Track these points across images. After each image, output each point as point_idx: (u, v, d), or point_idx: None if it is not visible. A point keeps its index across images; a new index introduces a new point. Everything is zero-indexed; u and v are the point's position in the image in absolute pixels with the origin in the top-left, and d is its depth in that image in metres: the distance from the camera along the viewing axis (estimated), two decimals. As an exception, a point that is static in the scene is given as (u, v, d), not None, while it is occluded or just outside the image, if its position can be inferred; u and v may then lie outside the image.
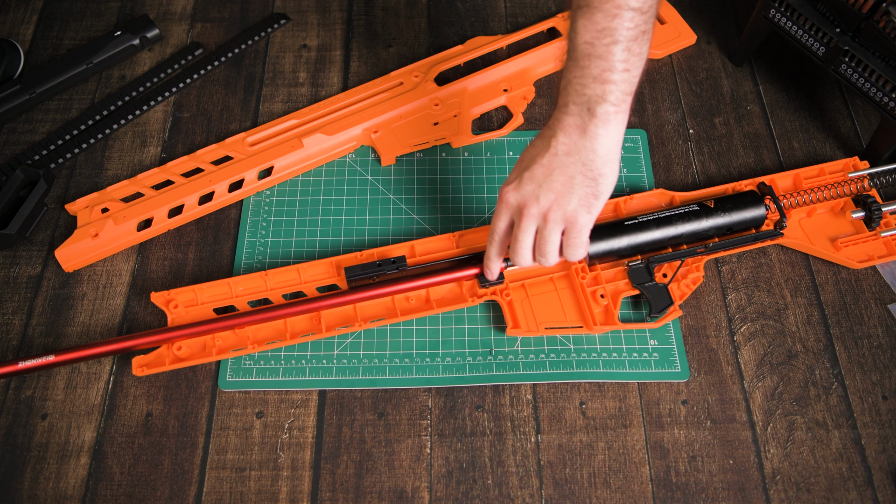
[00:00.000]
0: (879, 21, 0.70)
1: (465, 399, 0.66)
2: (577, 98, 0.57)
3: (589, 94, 0.56)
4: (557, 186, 0.58)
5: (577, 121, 0.57)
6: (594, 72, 0.56)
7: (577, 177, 0.57)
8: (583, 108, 0.57)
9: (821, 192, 0.73)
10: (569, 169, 0.57)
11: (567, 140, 0.57)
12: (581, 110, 0.57)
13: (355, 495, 0.62)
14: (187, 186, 0.76)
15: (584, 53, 0.56)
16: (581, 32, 0.56)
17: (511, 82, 0.84)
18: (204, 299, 0.69)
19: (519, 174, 0.60)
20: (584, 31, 0.55)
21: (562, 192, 0.58)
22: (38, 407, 0.66)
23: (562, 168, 0.57)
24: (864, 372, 0.68)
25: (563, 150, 0.57)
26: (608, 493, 0.62)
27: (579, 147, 0.57)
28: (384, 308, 0.69)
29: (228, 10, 0.92)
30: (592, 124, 0.57)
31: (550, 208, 0.58)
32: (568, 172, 0.57)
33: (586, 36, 0.55)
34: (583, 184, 0.58)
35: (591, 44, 0.55)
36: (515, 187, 0.59)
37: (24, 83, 0.83)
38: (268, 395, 0.66)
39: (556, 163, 0.58)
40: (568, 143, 0.57)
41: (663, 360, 0.68)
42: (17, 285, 0.72)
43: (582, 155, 0.57)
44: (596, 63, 0.56)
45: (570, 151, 0.57)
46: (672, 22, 0.89)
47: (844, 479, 0.63)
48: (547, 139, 0.58)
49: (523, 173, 0.59)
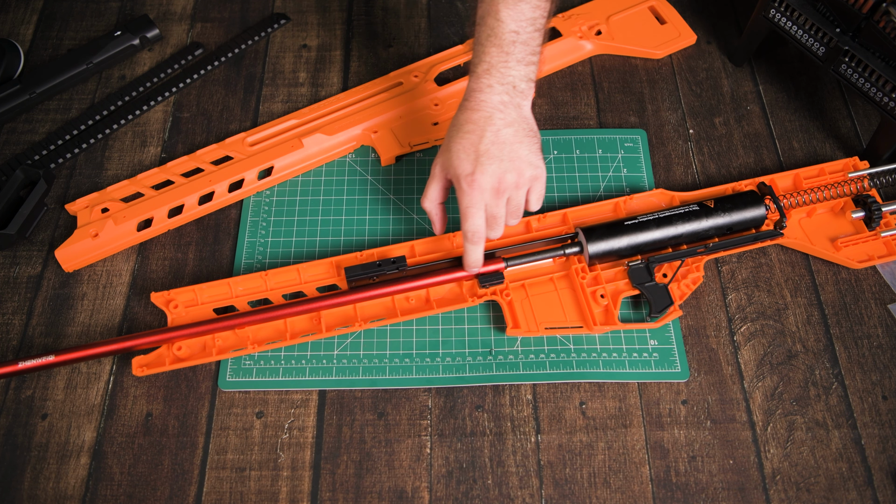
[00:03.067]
0: (879, 21, 0.70)
1: (465, 399, 0.66)
2: (503, 79, 0.63)
3: (514, 75, 0.63)
4: (517, 155, 0.63)
5: (505, 98, 0.63)
6: (518, 56, 0.63)
7: (525, 140, 0.64)
8: (508, 87, 0.63)
9: (821, 192, 0.73)
10: (518, 136, 0.63)
11: (503, 115, 0.63)
12: (507, 89, 0.63)
13: (355, 495, 0.62)
14: (187, 186, 0.76)
15: (509, 41, 0.62)
16: (507, 22, 0.62)
17: (511, 82, 0.84)
18: (204, 299, 0.69)
19: (476, 159, 0.62)
20: (510, 20, 0.62)
21: (521, 156, 0.63)
22: (38, 407, 0.66)
23: (512, 139, 0.63)
24: (864, 372, 0.68)
25: (505, 124, 0.63)
26: (608, 493, 0.62)
27: (515, 117, 0.63)
28: (384, 308, 0.69)
29: (228, 10, 0.92)
30: (520, 98, 0.64)
31: (520, 175, 0.63)
32: (518, 139, 0.63)
33: (512, 25, 0.62)
34: (531, 142, 0.64)
35: (517, 32, 0.62)
36: (481, 172, 0.62)
37: (24, 83, 0.83)
38: (268, 395, 0.66)
39: (504, 137, 0.63)
40: (504, 117, 0.63)
41: (663, 360, 0.68)
42: (17, 285, 0.72)
43: (520, 122, 0.64)
44: (521, 48, 0.63)
45: (510, 122, 0.63)
46: (672, 22, 0.89)
47: (844, 479, 0.63)
48: (485, 121, 0.63)
49: (481, 157, 0.62)
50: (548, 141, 0.81)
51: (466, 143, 0.63)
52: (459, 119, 0.64)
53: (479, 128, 0.62)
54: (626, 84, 0.86)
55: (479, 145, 0.62)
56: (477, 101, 0.63)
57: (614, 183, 0.78)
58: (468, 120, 0.63)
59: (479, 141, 0.62)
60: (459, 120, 0.64)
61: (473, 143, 0.62)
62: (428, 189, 0.67)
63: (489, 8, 0.62)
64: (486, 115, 0.62)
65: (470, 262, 0.67)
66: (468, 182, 0.62)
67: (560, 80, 0.86)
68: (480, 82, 0.63)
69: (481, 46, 0.63)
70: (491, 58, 0.62)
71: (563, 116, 0.83)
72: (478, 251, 0.66)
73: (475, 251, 0.66)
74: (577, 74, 0.86)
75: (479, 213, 0.64)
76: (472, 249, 0.66)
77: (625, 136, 0.81)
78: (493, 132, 0.62)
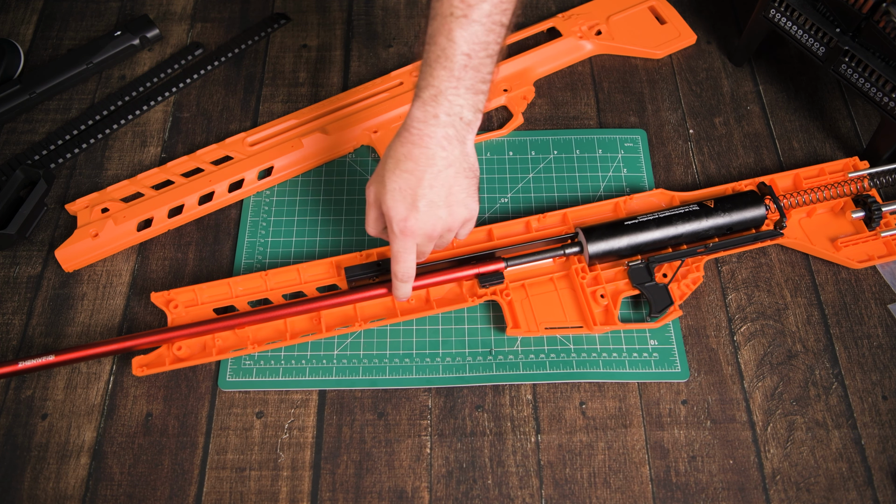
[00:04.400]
0: (879, 21, 0.70)
1: (465, 399, 0.66)
2: (451, 109, 0.58)
3: (462, 104, 0.58)
4: (454, 199, 0.60)
5: (450, 132, 0.58)
6: (468, 83, 0.57)
7: (463, 181, 0.60)
8: (455, 119, 0.58)
9: (821, 192, 0.73)
10: (458, 178, 0.59)
11: (445, 154, 0.58)
12: (453, 121, 0.58)
13: (355, 495, 0.62)
14: (187, 186, 0.76)
15: (460, 65, 0.57)
16: (460, 43, 0.56)
17: (511, 82, 0.84)
18: (204, 299, 0.69)
19: (412, 203, 0.59)
20: (463, 42, 0.56)
21: (459, 200, 0.60)
22: (38, 407, 0.66)
23: (452, 180, 0.59)
24: (864, 372, 0.68)
25: (444, 164, 0.58)
26: (608, 493, 0.62)
27: (457, 156, 0.59)
28: (384, 308, 0.69)
29: (228, 10, 0.92)
30: (465, 131, 0.59)
31: (454, 219, 0.61)
32: (458, 181, 0.60)
33: (465, 48, 0.56)
34: (468, 183, 0.61)
35: (468, 55, 0.57)
36: (416, 219, 0.59)
37: (24, 83, 0.83)
38: (268, 395, 0.67)
39: (441, 179, 0.59)
40: (446, 156, 0.58)
41: (663, 360, 0.68)
42: (17, 285, 0.72)
43: (461, 161, 0.59)
44: (472, 74, 0.57)
45: (450, 163, 0.59)
46: (672, 22, 0.89)
47: (844, 479, 0.63)
48: (423, 159, 0.58)
49: (419, 202, 0.58)
50: (548, 141, 0.81)
51: (403, 183, 0.58)
52: (398, 151, 0.59)
53: (419, 168, 0.58)
54: (626, 84, 0.86)
55: (418, 189, 0.58)
56: (420, 133, 0.58)
57: (614, 183, 0.78)
58: (408, 156, 0.58)
59: (418, 185, 0.58)
60: (398, 153, 0.59)
61: (411, 185, 0.58)
62: (368, 217, 0.64)
63: (440, 27, 0.57)
64: (428, 154, 0.58)
65: (399, 296, 0.65)
66: (401, 228, 0.59)
67: (560, 80, 0.86)
68: (426, 111, 0.58)
69: (430, 68, 0.58)
70: (440, 82, 0.57)
71: (563, 116, 0.83)
72: (407, 287, 0.64)
73: (404, 287, 0.64)
74: (577, 74, 0.86)
75: (410, 257, 0.61)
76: (400, 286, 0.64)
77: (625, 136, 0.81)
78: (432, 174, 0.58)
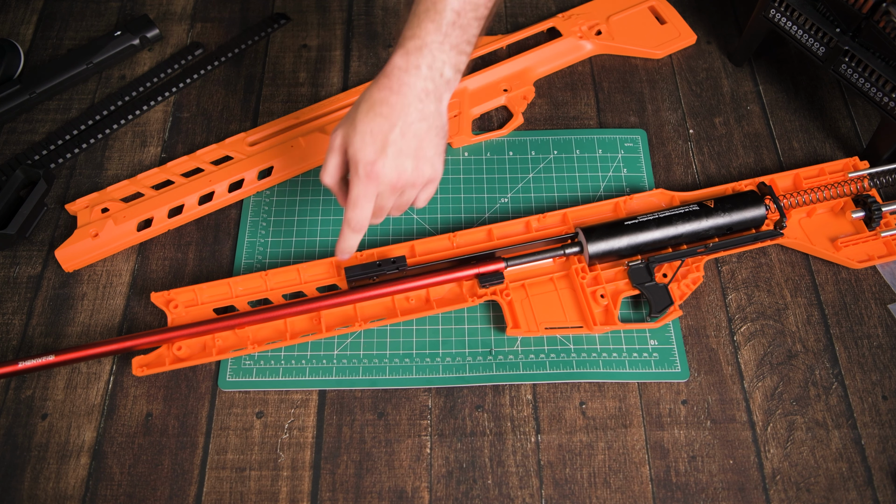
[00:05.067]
0: (879, 21, 0.70)
1: (465, 399, 0.66)
2: (433, 63, 0.59)
3: (444, 60, 0.59)
4: (424, 153, 0.60)
5: (429, 86, 0.59)
6: (454, 41, 0.59)
7: (434, 138, 0.61)
8: (435, 74, 0.59)
9: (821, 192, 0.73)
10: (429, 132, 0.60)
11: (421, 106, 0.59)
12: (433, 75, 0.59)
13: (355, 495, 0.62)
14: (187, 186, 0.76)
15: (449, 21, 0.58)
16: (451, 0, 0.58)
17: (511, 82, 0.84)
18: (204, 299, 0.69)
19: (382, 147, 0.58)
20: None
21: (427, 157, 0.60)
22: (38, 407, 0.66)
23: (424, 134, 0.60)
24: (864, 372, 0.68)
25: (418, 117, 0.59)
26: (608, 493, 0.62)
27: (431, 111, 0.60)
28: (384, 308, 0.69)
29: (228, 10, 0.92)
30: (443, 89, 0.60)
31: (420, 174, 0.61)
32: (428, 135, 0.60)
33: (456, 4, 0.58)
34: (439, 141, 0.61)
35: (458, 13, 0.58)
36: (382, 163, 0.58)
37: (24, 83, 0.83)
38: (268, 395, 0.67)
39: (414, 130, 0.59)
40: (422, 108, 0.59)
41: (663, 360, 0.68)
42: (17, 285, 0.72)
43: (434, 118, 0.60)
44: (458, 33, 0.59)
45: (425, 117, 0.59)
46: (672, 22, 0.89)
47: (844, 479, 0.63)
48: (399, 107, 0.58)
49: (388, 148, 0.58)
50: (548, 141, 0.81)
51: (375, 127, 0.58)
52: (374, 96, 0.58)
53: (394, 113, 0.58)
54: (626, 84, 0.86)
55: (389, 134, 0.58)
56: (399, 81, 0.58)
57: (614, 183, 0.78)
58: (384, 101, 0.58)
59: (390, 130, 0.58)
60: (374, 97, 0.58)
61: (383, 130, 0.58)
62: (327, 163, 0.62)
63: None
64: (404, 103, 0.58)
65: (344, 248, 0.63)
66: (367, 171, 0.58)
67: (560, 80, 0.86)
68: (409, 60, 0.58)
69: (417, 19, 0.58)
70: (426, 34, 0.58)
71: (563, 116, 0.83)
72: (356, 238, 0.62)
73: (353, 238, 0.62)
74: (577, 74, 0.86)
75: (368, 205, 0.60)
76: (350, 236, 0.62)
77: (625, 136, 0.81)
78: (406, 123, 0.58)
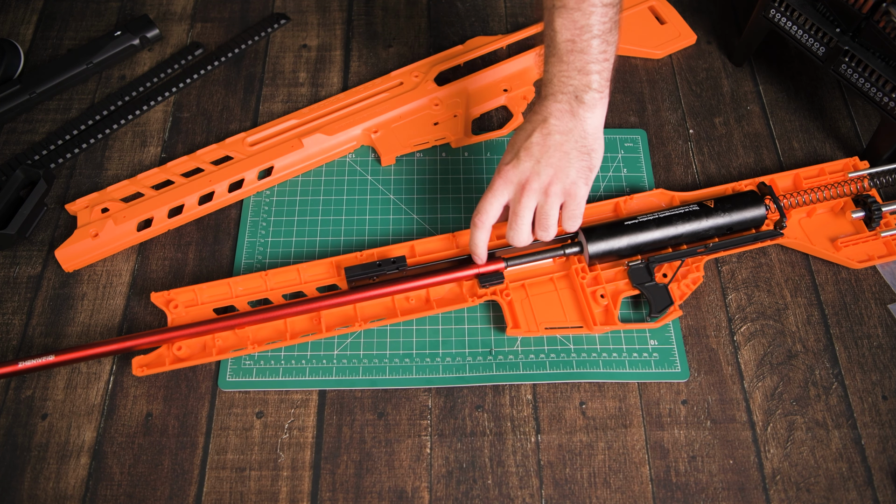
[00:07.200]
0: (879, 21, 0.70)
1: (465, 399, 0.66)
2: (564, 88, 0.62)
3: (575, 85, 0.62)
4: (555, 161, 0.62)
5: (566, 107, 0.62)
6: (577, 65, 0.62)
7: (572, 152, 0.62)
8: (570, 97, 0.62)
9: (821, 192, 0.73)
10: (564, 146, 0.62)
11: (559, 122, 0.62)
12: (569, 98, 0.62)
13: (355, 495, 0.62)
14: (187, 186, 0.76)
15: (566, 50, 0.62)
16: (561, 31, 0.62)
17: (511, 82, 0.84)
18: (204, 299, 0.69)
19: (516, 153, 0.63)
20: (563, 29, 0.61)
21: (560, 166, 0.62)
22: (38, 407, 0.66)
23: (557, 145, 0.62)
24: (864, 372, 0.68)
25: (556, 130, 0.62)
26: (608, 493, 0.62)
27: (571, 127, 0.62)
28: (384, 308, 0.69)
29: (228, 10, 0.92)
30: (581, 109, 0.62)
31: (551, 182, 0.62)
32: (563, 149, 0.62)
33: (566, 34, 0.61)
34: (578, 158, 0.63)
35: (571, 41, 0.61)
36: (514, 164, 0.63)
37: (24, 83, 0.83)
38: (268, 395, 0.67)
39: (551, 141, 0.62)
40: (560, 124, 0.62)
41: (663, 360, 0.68)
42: (17, 285, 0.72)
43: (574, 134, 0.62)
44: (578, 57, 0.62)
45: (563, 131, 0.62)
46: (672, 22, 0.89)
47: (844, 479, 0.63)
48: (539, 122, 0.63)
49: (520, 151, 0.63)
50: (548, 141, 0.81)
51: (516, 138, 0.64)
52: (523, 122, 0.65)
53: (531, 126, 0.63)
54: (626, 84, 0.86)
55: (525, 141, 0.63)
56: (540, 106, 0.64)
57: (614, 183, 0.78)
58: (528, 120, 0.64)
59: (527, 138, 0.63)
60: (522, 123, 0.66)
61: (521, 138, 0.64)
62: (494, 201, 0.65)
63: (546, 18, 0.63)
64: (541, 118, 0.63)
65: (469, 246, 0.67)
66: (499, 170, 0.64)
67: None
68: (545, 90, 0.64)
69: (544, 58, 0.65)
70: (551, 67, 0.63)
71: (563, 116, 0.83)
72: (477, 236, 0.65)
73: (474, 235, 0.66)
74: (577, 74, 0.86)
75: (494, 201, 0.64)
76: (472, 233, 0.66)
77: (625, 136, 0.81)
78: (542, 134, 0.62)
